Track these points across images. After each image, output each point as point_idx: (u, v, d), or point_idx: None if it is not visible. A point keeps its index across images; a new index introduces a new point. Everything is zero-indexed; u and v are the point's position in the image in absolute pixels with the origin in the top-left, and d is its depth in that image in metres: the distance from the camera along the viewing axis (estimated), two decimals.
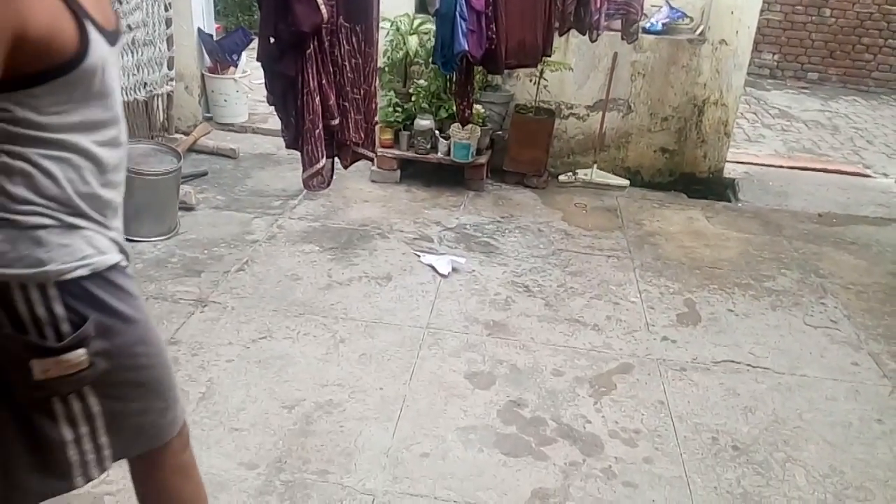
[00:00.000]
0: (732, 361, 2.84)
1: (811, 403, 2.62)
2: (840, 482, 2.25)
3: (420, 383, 2.55)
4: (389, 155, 4.40)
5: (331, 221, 3.84)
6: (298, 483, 2.05)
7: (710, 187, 4.79)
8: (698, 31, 4.60)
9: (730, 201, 4.71)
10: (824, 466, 2.31)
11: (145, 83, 4.29)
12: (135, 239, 3.39)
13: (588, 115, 4.73)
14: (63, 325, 1.12)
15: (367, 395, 2.46)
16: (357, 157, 2.93)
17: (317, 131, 2.63)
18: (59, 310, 1.11)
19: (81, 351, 1.13)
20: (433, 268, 3.39)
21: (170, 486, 1.42)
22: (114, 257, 1.19)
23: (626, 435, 2.38)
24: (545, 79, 4.47)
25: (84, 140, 1.11)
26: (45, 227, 1.11)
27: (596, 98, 4.68)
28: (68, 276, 1.11)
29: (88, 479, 1.28)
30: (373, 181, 4.44)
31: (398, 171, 4.47)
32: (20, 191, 1.09)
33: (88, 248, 1.15)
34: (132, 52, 4.10)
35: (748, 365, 2.83)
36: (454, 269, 3.40)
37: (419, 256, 3.50)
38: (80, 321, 1.13)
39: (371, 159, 3.11)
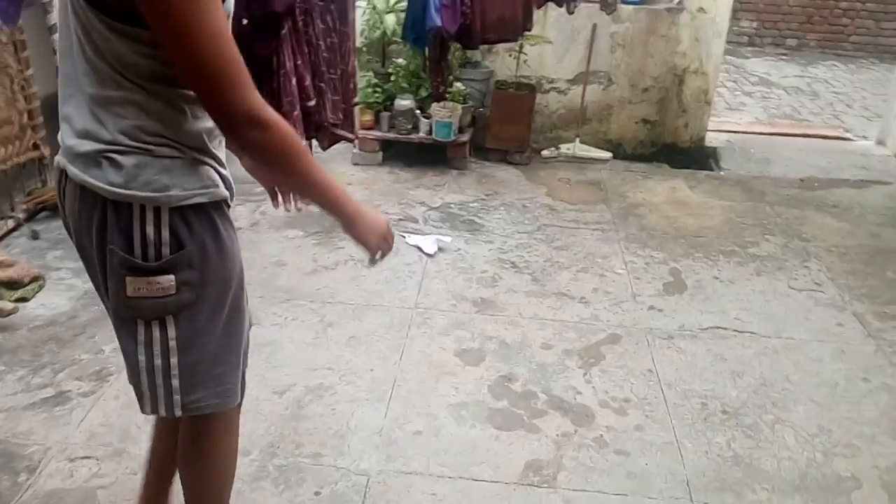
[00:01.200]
0: (719, 328, 2.86)
1: (798, 365, 2.65)
2: (828, 440, 2.28)
3: (410, 363, 2.56)
4: (370, 136, 4.38)
5: (314, 206, 3.81)
6: (292, 467, 2.05)
7: (693, 157, 4.80)
8: (676, 0, 4.58)
9: (712, 170, 4.72)
10: (812, 426, 2.34)
11: None
12: None
13: (569, 88, 4.72)
14: (164, 248, 1.21)
15: (358, 377, 2.46)
16: (336, 139, 2.91)
17: (295, 113, 2.61)
18: (166, 234, 1.20)
19: (171, 277, 1.22)
20: (419, 248, 3.39)
21: (218, 445, 1.50)
22: (225, 192, 1.28)
23: (617, 404, 2.40)
24: (525, 53, 4.44)
25: None
26: (173, 157, 1.20)
27: (576, 71, 4.66)
28: (185, 203, 1.21)
29: (154, 413, 1.34)
30: (355, 164, 4.42)
31: (380, 153, 4.45)
32: (155, 126, 1.18)
33: (208, 180, 1.25)
34: None
35: (735, 330, 2.85)
36: (440, 249, 3.40)
37: (405, 237, 3.48)
38: (179, 248, 1.21)
39: (350, 140, 3.09)
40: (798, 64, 8.38)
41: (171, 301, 1.23)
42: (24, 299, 2.78)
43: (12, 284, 2.81)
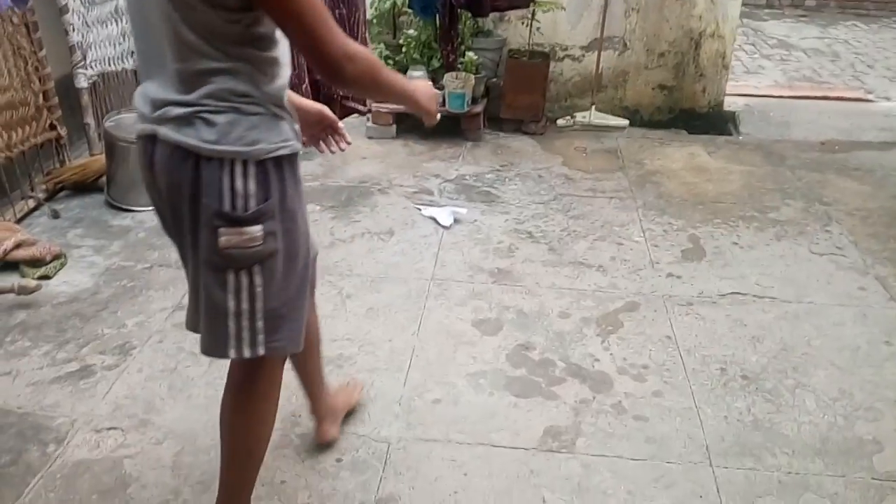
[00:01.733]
0: (738, 293, 2.84)
1: (819, 330, 2.63)
2: (850, 404, 2.26)
3: (428, 333, 2.57)
4: (384, 109, 4.34)
5: (330, 180, 3.81)
6: (314, 435, 2.08)
7: (711, 122, 4.72)
8: None
9: (731, 135, 4.65)
10: (834, 390, 2.32)
11: (132, 52, 4.22)
12: (135, 209, 3.39)
13: (583, 55, 4.65)
14: (251, 200, 1.32)
15: (377, 347, 2.48)
16: (348, 111, 2.90)
17: (303, 86, 2.60)
18: (252, 186, 1.31)
19: (258, 227, 1.33)
20: (435, 220, 3.38)
21: (264, 396, 1.59)
22: (299, 145, 1.41)
23: (635, 371, 2.40)
24: (537, 21, 4.38)
25: (283, 44, 1.33)
26: (259, 114, 1.32)
27: (590, 37, 4.59)
28: (270, 155, 1.33)
29: (239, 355, 1.44)
30: (369, 137, 4.40)
31: (394, 126, 4.42)
32: (243, 87, 1.29)
33: (287, 134, 1.37)
34: (117, 21, 4.02)
35: (755, 296, 2.83)
36: (456, 220, 3.39)
37: (420, 210, 3.48)
38: (264, 199, 1.33)
39: (363, 113, 3.08)
40: (817, 25, 8.19)
41: (259, 250, 1.34)
42: (46, 277, 2.82)
43: (35, 263, 2.85)
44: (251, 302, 1.39)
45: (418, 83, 1.55)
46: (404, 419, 2.16)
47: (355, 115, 3.09)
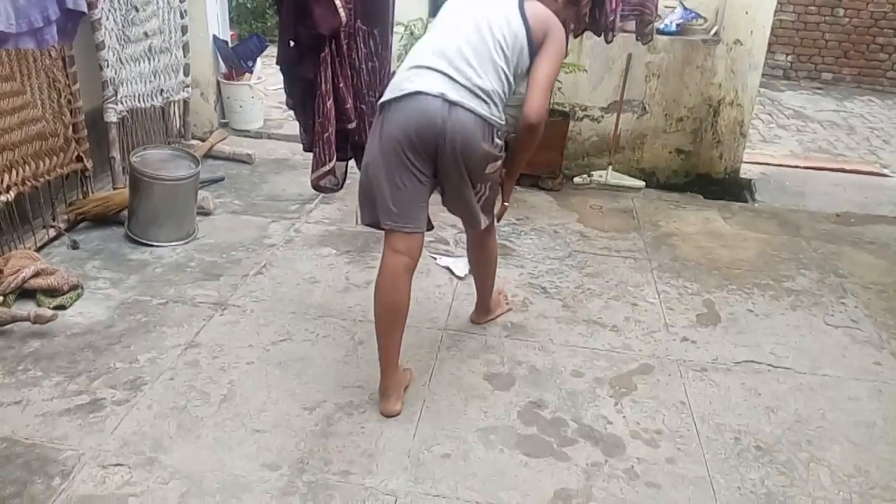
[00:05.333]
0: (753, 362, 2.82)
1: (834, 403, 2.60)
2: (865, 482, 2.22)
3: (439, 385, 2.55)
4: None
5: (347, 225, 3.85)
6: (321, 484, 2.05)
7: (727, 188, 4.76)
8: (713, 32, 4.58)
9: (746, 202, 4.68)
10: (849, 466, 2.28)
11: (162, 90, 4.32)
12: (154, 244, 3.42)
13: (602, 116, 4.72)
14: (500, 148, 2.30)
15: None
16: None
17: (326, 135, 2.64)
18: (498, 140, 2.28)
19: (500, 162, 2.34)
20: (450, 270, 3.39)
21: (489, 242, 2.71)
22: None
23: (648, 435, 2.36)
24: (559, 81, 4.46)
25: None
26: (498, 105, 2.25)
27: (610, 99, 4.67)
28: (500, 125, 2.25)
29: (484, 223, 2.51)
30: None
31: None
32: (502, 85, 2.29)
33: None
34: (149, 60, 4.13)
35: (769, 365, 2.81)
36: (471, 271, 3.39)
37: (435, 259, 3.50)
38: (501, 149, 2.32)
39: None
40: (833, 98, 8.31)
41: (496, 175, 2.37)
42: (62, 307, 2.84)
43: (52, 292, 2.87)
44: (480, 198, 2.40)
45: None
46: (412, 472, 2.13)
47: None
